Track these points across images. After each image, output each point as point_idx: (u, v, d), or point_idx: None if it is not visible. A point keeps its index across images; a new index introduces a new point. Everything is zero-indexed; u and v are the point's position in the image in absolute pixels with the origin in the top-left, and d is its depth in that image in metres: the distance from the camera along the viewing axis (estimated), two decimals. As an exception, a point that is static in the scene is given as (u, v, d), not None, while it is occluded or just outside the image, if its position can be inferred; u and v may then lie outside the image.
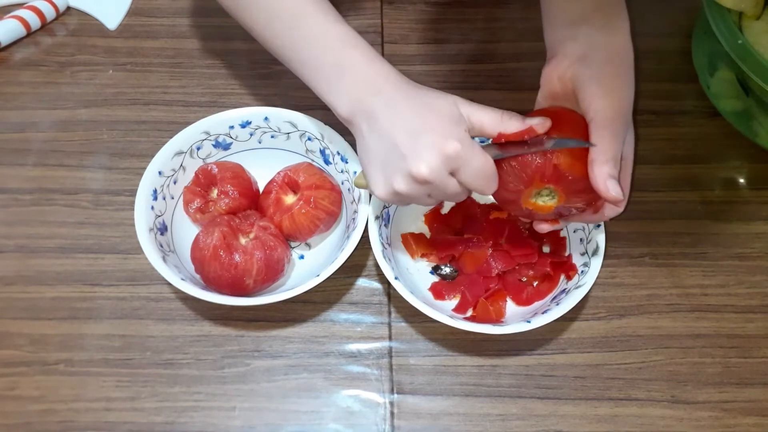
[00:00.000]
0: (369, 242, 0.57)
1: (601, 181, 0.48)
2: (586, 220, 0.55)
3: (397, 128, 0.49)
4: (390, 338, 0.59)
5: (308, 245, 0.62)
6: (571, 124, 0.50)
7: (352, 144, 0.60)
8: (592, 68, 0.51)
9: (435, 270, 0.61)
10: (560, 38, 0.54)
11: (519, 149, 0.49)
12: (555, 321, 0.54)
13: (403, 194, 0.50)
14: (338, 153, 0.61)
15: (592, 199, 0.51)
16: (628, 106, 0.51)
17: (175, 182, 0.61)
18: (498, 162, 0.50)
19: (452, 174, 0.49)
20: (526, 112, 0.52)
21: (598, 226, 0.57)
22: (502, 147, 0.50)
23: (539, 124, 0.49)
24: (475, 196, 0.63)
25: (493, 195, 0.52)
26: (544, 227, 0.54)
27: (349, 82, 0.52)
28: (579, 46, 0.52)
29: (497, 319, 0.57)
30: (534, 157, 0.49)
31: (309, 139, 0.63)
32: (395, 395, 0.56)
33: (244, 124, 0.63)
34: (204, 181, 0.60)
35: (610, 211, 0.52)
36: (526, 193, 0.51)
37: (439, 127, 0.48)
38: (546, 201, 0.51)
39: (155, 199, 0.59)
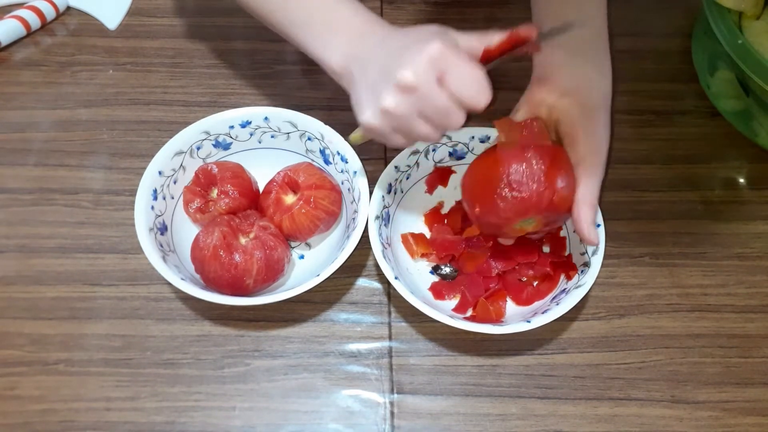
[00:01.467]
0: (369, 242, 0.57)
1: (585, 226, 0.52)
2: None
3: (385, 56, 0.48)
4: (390, 338, 0.59)
5: (308, 245, 0.63)
6: (559, 157, 0.52)
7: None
8: (585, 109, 0.53)
9: (435, 270, 0.61)
10: (556, 62, 0.55)
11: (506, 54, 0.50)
12: (555, 321, 0.54)
13: (391, 112, 0.47)
14: (338, 153, 0.61)
15: (559, 226, 0.58)
16: (607, 153, 0.54)
17: (175, 182, 0.61)
18: (493, 187, 0.51)
19: (440, 81, 0.46)
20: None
21: (599, 225, 0.57)
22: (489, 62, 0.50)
23: (524, 29, 0.49)
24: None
25: (478, 216, 0.54)
26: (507, 241, 0.58)
27: (340, 37, 0.52)
28: (574, 79, 0.54)
29: (497, 319, 0.57)
30: (533, 191, 0.51)
31: (309, 138, 0.63)
32: (395, 395, 0.56)
33: (244, 124, 0.63)
34: (204, 181, 0.60)
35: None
36: (509, 227, 0.53)
37: (423, 39, 0.47)
38: (523, 226, 0.53)
39: (155, 199, 0.59)
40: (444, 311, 0.55)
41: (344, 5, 0.53)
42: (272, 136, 0.64)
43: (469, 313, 0.58)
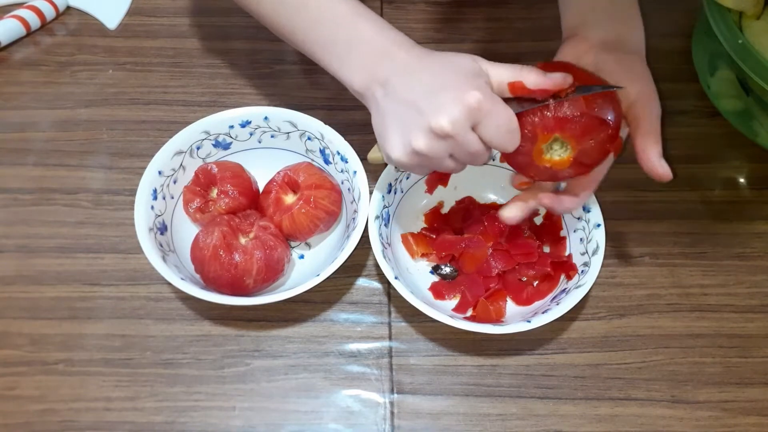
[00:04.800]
0: (369, 242, 0.57)
1: (657, 163, 0.50)
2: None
3: (414, 90, 0.48)
4: (390, 338, 0.59)
5: (308, 245, 0.62)
6: (585, 72, 0.50)
7: (352, 144, 0.60)
8: (616, 55, 0.52)
9: (435, 270, 0.61)
10: (581, 21, 0.55)
11: (539, 102, 0.48)
12: (555, 321, 0.54)
13: (422, 153, 0.47)
14: (338, 153, 0.61)
15: (607, 138, 0.49)
16: (655, 89, 0.53)
17: (175, 182, 0.61)
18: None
19: (474, 129, 0.47)
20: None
21: (599, 225, 0.57)
22: (521, 102, 0.48)
23: (561, 79, 0.47)
24: (474, 191, 0.63)
25: (509, 161, 0.52)
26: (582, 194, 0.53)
27: (361, 55, 0.51)
28: (601, 32, 0.53)
29: (497, 318, 0.57)
30: (563, 104, 0.48)
31: (309, 138, 0.63)
32: (395, 395, 0.56)
33: (244, 124, 0.63)
34: (204, 181, 0.60)
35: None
36: (536, 150, 0.49)
37: (458, 82, 0.46)
38: (561, 155, 0.50)
39: (155, 198, 0.59)
40: (444, 311, 0.55)
41: (368, 22, 0.51)
42: (272, 136, 0.64)
43: (469, 313, 0.58)
